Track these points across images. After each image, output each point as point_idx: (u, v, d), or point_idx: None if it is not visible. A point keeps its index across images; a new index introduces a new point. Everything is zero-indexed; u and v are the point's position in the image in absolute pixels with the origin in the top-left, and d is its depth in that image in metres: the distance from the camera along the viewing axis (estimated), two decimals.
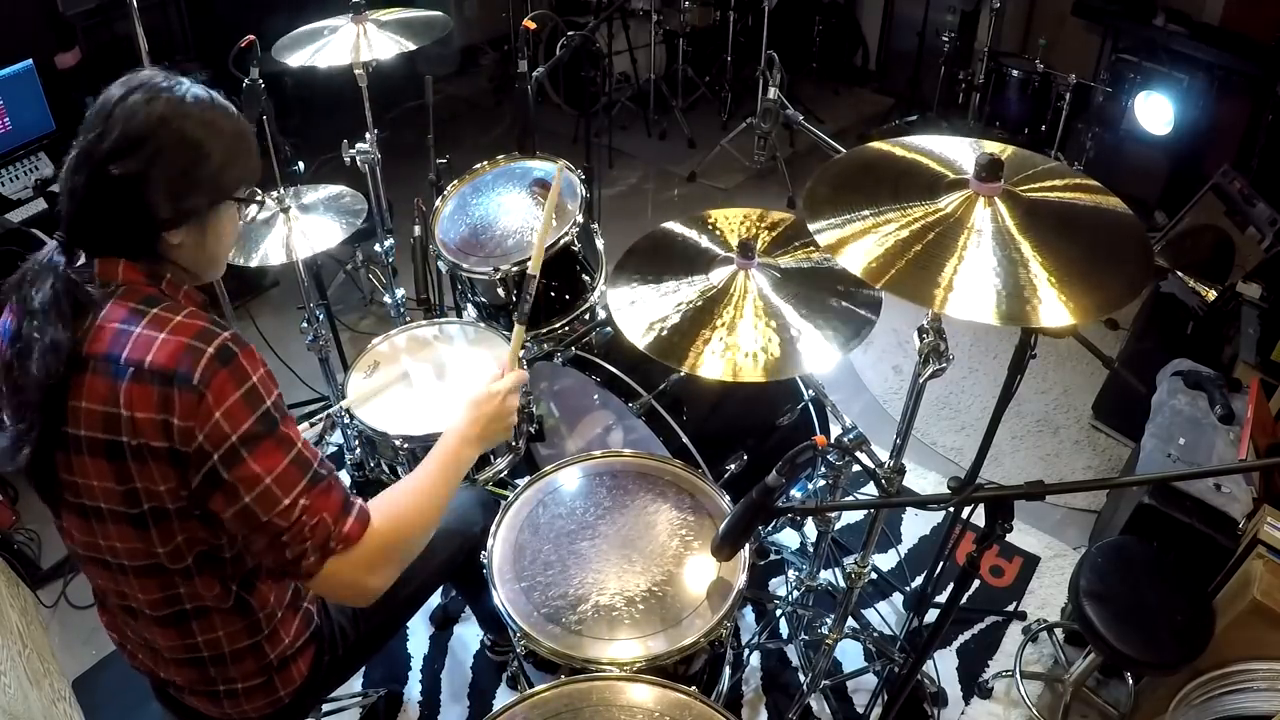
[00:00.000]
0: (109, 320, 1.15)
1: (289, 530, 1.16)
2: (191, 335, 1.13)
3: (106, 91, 1.16)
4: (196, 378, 1.10)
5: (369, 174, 2.51)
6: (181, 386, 1.10)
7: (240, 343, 1.15)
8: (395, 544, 1.27)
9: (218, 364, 1.11)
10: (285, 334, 3.29)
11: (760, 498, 1.29)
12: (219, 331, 1.14)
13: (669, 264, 1.75)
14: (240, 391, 1.12)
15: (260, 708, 1.43)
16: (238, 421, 1.12)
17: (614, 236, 2.29)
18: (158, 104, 1.14)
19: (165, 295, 1.21)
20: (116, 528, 1.21)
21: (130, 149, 1.12)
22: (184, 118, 1.15)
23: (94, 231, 1.18)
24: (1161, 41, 3.81)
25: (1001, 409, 1.67)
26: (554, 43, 4.34)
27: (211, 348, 1.12)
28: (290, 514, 1.15)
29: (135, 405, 1.11)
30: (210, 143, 1.18)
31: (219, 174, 1.20)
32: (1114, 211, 1.31)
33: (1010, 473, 2.96)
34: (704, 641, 1.49)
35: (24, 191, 2.91)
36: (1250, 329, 2.66)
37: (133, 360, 1.12)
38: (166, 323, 1.14)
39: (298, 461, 1.17)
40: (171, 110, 1.15)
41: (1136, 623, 1.90)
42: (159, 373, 1.11)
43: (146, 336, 1.13)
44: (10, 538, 2.53)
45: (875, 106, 5.22)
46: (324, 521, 1.18)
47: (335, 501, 1.20)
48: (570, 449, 2.43)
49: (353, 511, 1.22)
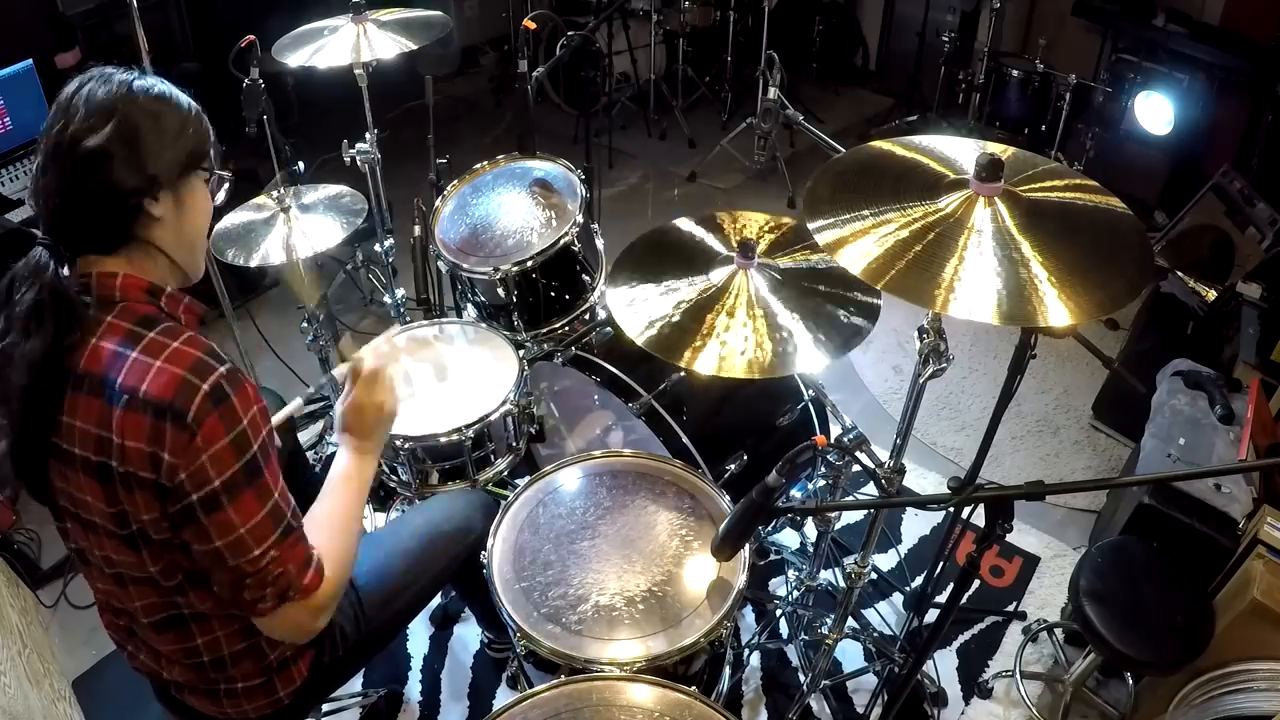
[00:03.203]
0: (106, 340, 1.15)
1: (253, 576, 1.18)
2: (188, 367, 1.12)
3: (60, 93, 1.18)
4: (190, 416, 1.10)
5: (369, 174, 2.51)
6: (175, 422, 1.10)
7: (235, 380, 1.15)
8: (341, 587, 1.32)
9: (211, 404, 1.11)
10: (285, 334, 3.29)
11: (760, 498, 1.29)
12: (215, 366, 1.14)
13: (671, 261, 1.75)
14: (229, 437, 1.12)
15: (260, 708, 1.43)
16: (223, 467, 1.12)
17: (614, 236, 2.29)
18: (113, 82, 1.17)
19: (165, 314, 1.21)
20: (111, 542, 1.22)
21: (96, 124, 1.13)
22: (141, 91, 1.18)
23: (73, 223, 1.18)
24: (1161, 41, 3.81)
25: (1001, 409, 1.67)
26: (554, 43, 4.33)
27: (207, 385, 1.11)
28: (259, 563, 1.17)
29: (127, 434, 1.12)
30: (167, 114, 1.20)
31: (179, 140, 1.21)
32: (1114, 211, 1.31)
33: (1010, 473, 2.96)
34: (704, 641, 1.49)
35: (24, 191, 2.91)
36: (1250, 329, 2.66)
37: (127, 387, 1.12)
38: (163, 349, 1.14)
39: (273, 513, 1.19)
40: (128, 86, 1.17)
41: (1136, 623, 1.90)
42: (152, 404, 1.10)
43: (142, 363, 1.12)
44: (10, 538, 2.53)
45: (875, 106, 5.22)
46: (288, 573, 1.21)
47: (300, 554, 1.23)
48: (570, 449, 2.43)
49: (313, 564, 1.25)
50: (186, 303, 1.26)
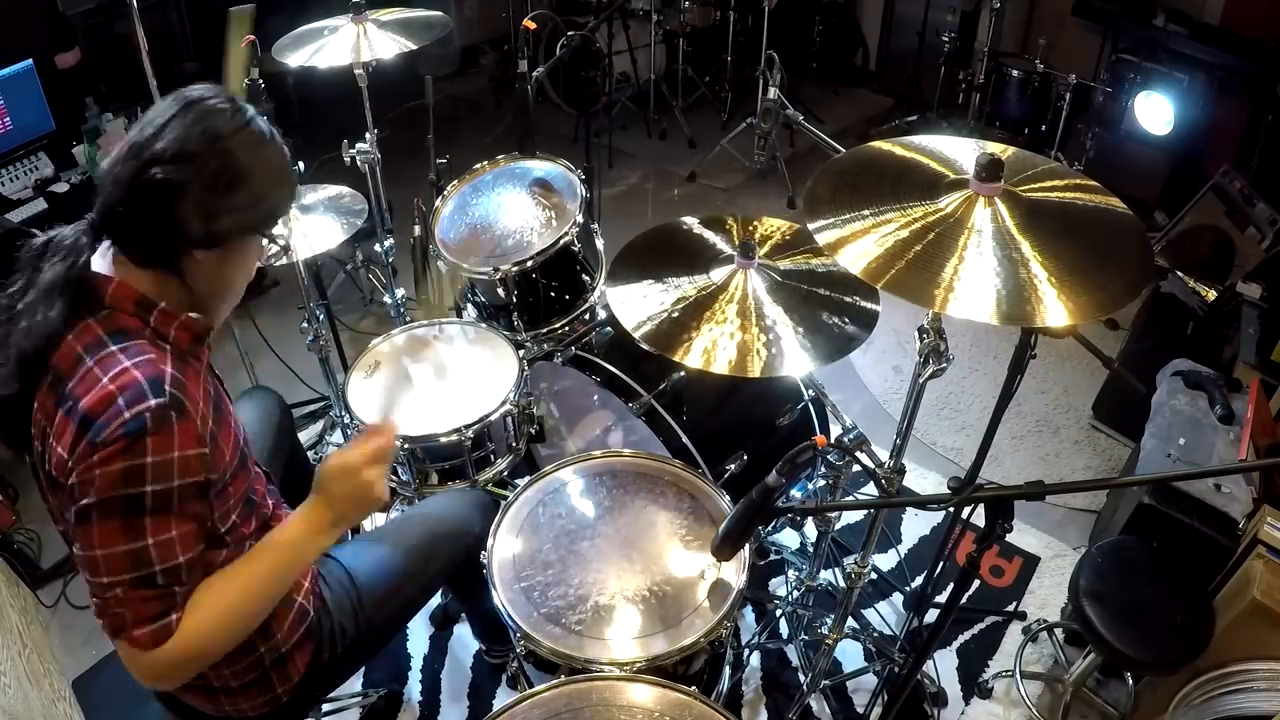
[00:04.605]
0: (78, 341, 1.15)
1: (98, 600, 1.14)
2: (124, 390, 1.10)
3: (178, 92, 1.17)
4: (102, 435, 1.08)
5: (369, 174, 2.51)
6: (91, 437, 1.08)
7: (162, 419, 1.10)
8: (189, 661, 1.19)
9: (122, 431, 1.08)
10: (285, 334, 3.29)
11: (760, 498, 1.29)
12: (147, 398, 1.09)
13: (674, 259, 1.76)
14: (123, 464, 1.08)
15: (258, 705, 1.43)
16: (104, 488, 1.08)
17: (614, 236, 2.28)
18: (217, 121, 1.15)
19: (149, 330, 1.18)
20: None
21: (176, 158, 1.13)
22: (238, 143, 1.16)
23: (123, 225, 1.18)
24: (1161, 41, 3.81)
25: (1001, 409, 1.67)
26: (554, 43, 4.34)
27: (129, 413, 1.08)
28: (101, 591, 1.12)
29: (60, 438, 1.12)
30: (256, 174, 1.18)
31: (255, 205, 1.20)
32: (1114, 211, 1.31)
33: (1010, 473, 2.96)
34: (704, 641, 1.49)
35: (24, 191, 2.91)
36: (1250, 329, 2.66)
37: (73, 394, 1.12)
38: (113, 365, 1.12)
39: (133, 556, 1.11)
40: (228, 132, 1.15)
41: (1136, 623, 1.90)
42: (83, 416, 1.10)
43: (93, 375, 1.12)
44: (10, 538, 2.53)
45: (875, 106, 5.22)
46: (123, 617, 1.13)
47: (147, 611, 1.13)
48: (570, 449, 2.42)
49: (158, 623, 1.14)
50: (182, 320, 1.22)
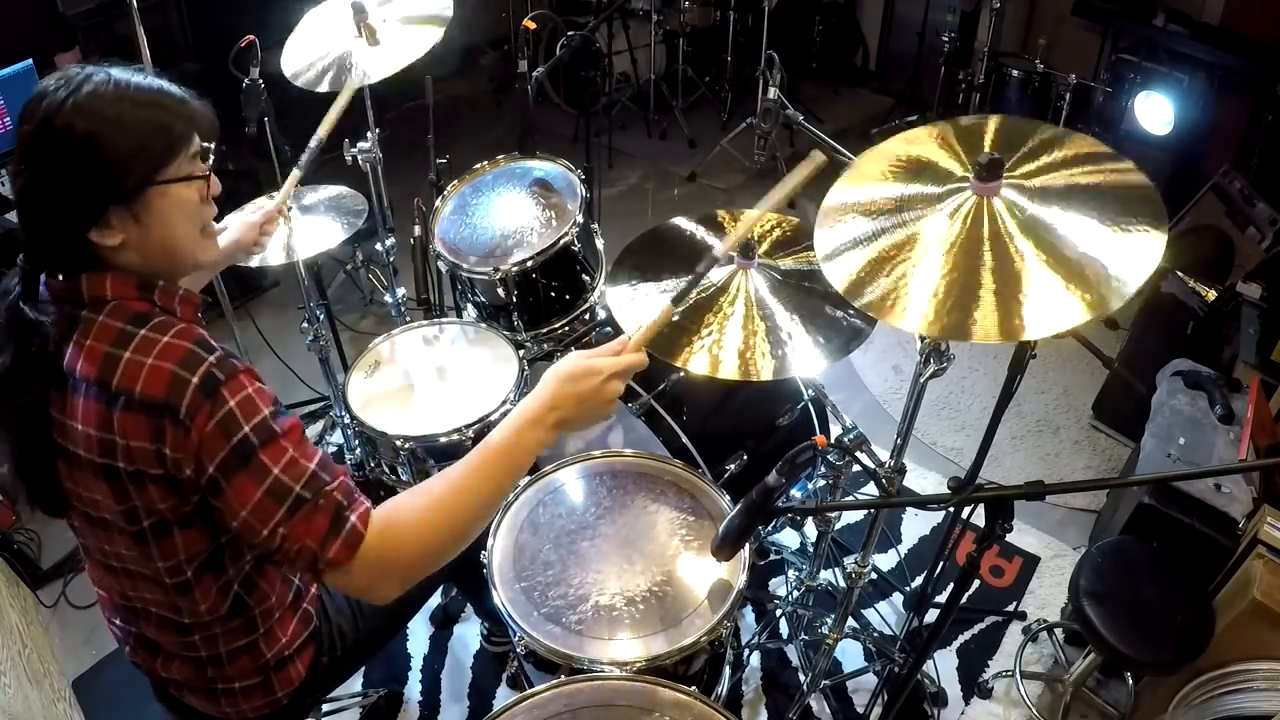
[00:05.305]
0: (99, 341, 1.14)
1: (276, 553, 1.14)
2: (178, 362, 1.10)
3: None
4: (183, 411, 1.09)
5: (369, 174, 2.51)
6: (171, 419, 1.09)
7: (225, 366, 1.12)
8: (396, 561, 1.15)
9: (202, 396, 1.09)
10: (285, 334, 3.29)
11: (760, 498, 1.29)
12: (204, 356, 1.11)
13: (674, 259, 1.75)
14: (215, 420, 1.09)
15: (259, 707, 1.43)
16: (213, 454, 1.10)
17: (614, 236, 2.28)
18: (43, 107, 1.08)
19: (159, 309, 1.18)
20: (121, 538, 1.22)
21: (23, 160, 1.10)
22: (71, 114, 1.07)
23: (36, 249, 1.15)
24: (1161, 41, 3.81)
25: (1001, 409, 1.67)
26: (554, 43, 4.34)
27: (196, 377, 1.09)
28: (271, 542, 1.13)
29: (129, 434, 1.11)
30: (101, 133, 1.08)
31: (123, 163, 1.11)
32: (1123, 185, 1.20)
33: (1010, 473, 2.96)
34: (704, 641, 1.49)
35: None
36: (1250, 329, 2.66)
37: (123, 388, 1.11)
38: (154, 345, 1.12)
39: (273, 492, 1.11)
40: (54, 110, 1.08)
41: (1136, 623, 1.90)
42: (149, 403, 1.10)
43: (135, 362, 1.11)
44: (10, 538, 2.53)
45: (875, 106, 5.21)
46: (306, 548, 1.12)
47: (318, 527, 1.12)
48: (570, 449, 2.42)
49: (342, 532, 1.12)
50: (182, 294, 1.23)
